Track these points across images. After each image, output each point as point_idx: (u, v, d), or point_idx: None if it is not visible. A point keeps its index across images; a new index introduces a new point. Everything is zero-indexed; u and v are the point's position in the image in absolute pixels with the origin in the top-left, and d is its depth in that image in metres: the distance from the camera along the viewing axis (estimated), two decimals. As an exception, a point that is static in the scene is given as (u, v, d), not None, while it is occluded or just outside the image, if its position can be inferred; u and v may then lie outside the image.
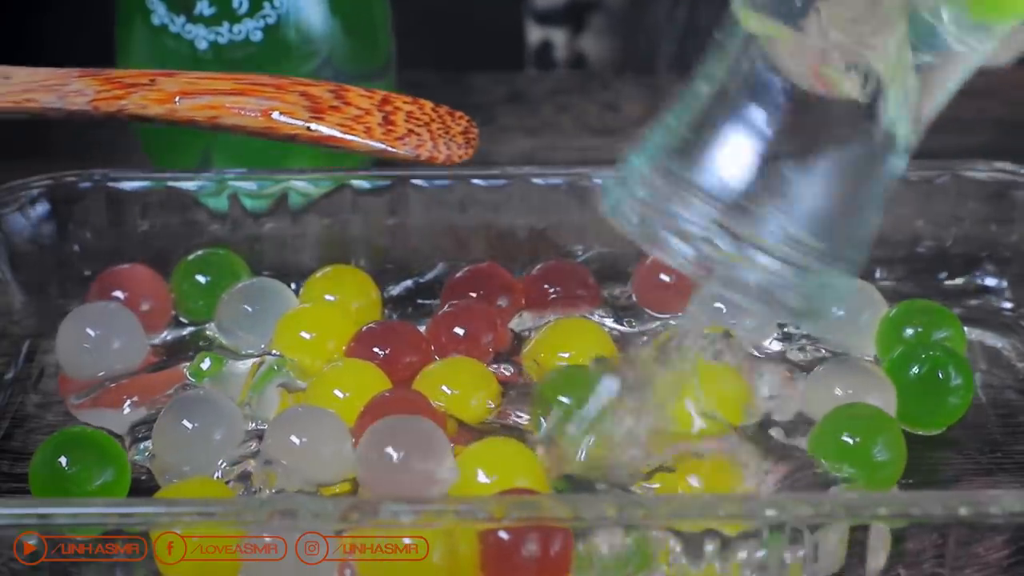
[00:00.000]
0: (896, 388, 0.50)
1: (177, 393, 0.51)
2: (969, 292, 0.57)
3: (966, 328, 0.53)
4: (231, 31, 0.57)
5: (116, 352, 0.52)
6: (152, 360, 0.53)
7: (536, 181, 0.56)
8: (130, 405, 0.51)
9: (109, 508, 0.42)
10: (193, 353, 0.53)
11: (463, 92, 0.72)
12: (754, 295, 0.41)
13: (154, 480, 0.48)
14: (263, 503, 0.42)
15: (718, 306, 0.53)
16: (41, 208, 0.56)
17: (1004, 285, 0.57)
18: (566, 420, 0.47)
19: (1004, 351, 0.54)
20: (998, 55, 0.38)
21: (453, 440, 0.48)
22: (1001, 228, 0.56)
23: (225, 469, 0.48)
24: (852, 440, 0.47)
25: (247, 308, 0.53)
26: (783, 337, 0.54)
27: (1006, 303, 0.56)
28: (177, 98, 0.50)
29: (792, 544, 0.42)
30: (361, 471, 0.47)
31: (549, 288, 0.55)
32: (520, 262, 0.57)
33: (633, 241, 0.42)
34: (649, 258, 0.56)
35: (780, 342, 0.54)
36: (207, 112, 0.50)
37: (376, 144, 0.50)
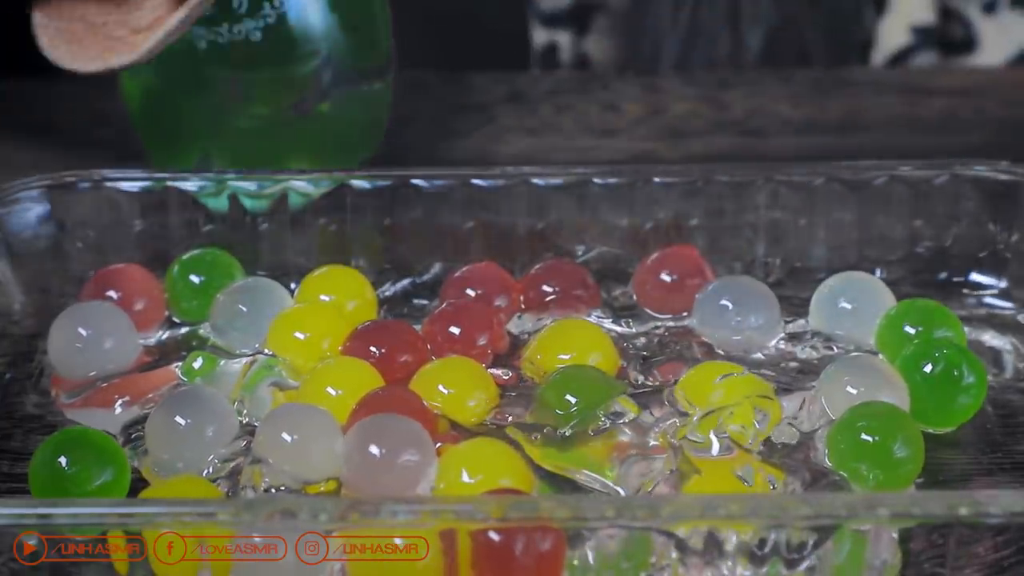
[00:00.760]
0: (908, 386, 0.50)
1: (169, 393, 0.51)
2: (969, 292, 0.57)
3: (966, 328, 0.53)
4: (231, 31, 0.57)
5: (108, 352, 0.52)
6: (144, 360, 0.53)
7: (536, 181, 0.56)
8: (121, 405, 0.51)
9: (109, 508, 0.42)
10: (186, 353, 0.53)
11: (463, 92, 0.72)
12: None
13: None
14: (263, 503, 0.42)
15: (724, 304, 0.54)
16: (41, 208, 0.56)
17: (1004, 285, 0.57)
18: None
19: (1004, 351, 0.54)
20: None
21: (444, 439, 0.48)
22: (1001, 228, 0.56)
23: (216, 466, 0.48)
24: (871, 438, 0.47)
25: (241, 307, 0.53)
26: (790, 337, 0.54)
27: (1006, 303, 0.56)
28: None
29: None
30: (344, 468, 0.47)
31: (548, 288, 0.55)
32: (520, 262, 0.57)
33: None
34: (649, 258, 0.56)
35: (787, 342, 0.54)
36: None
37: None
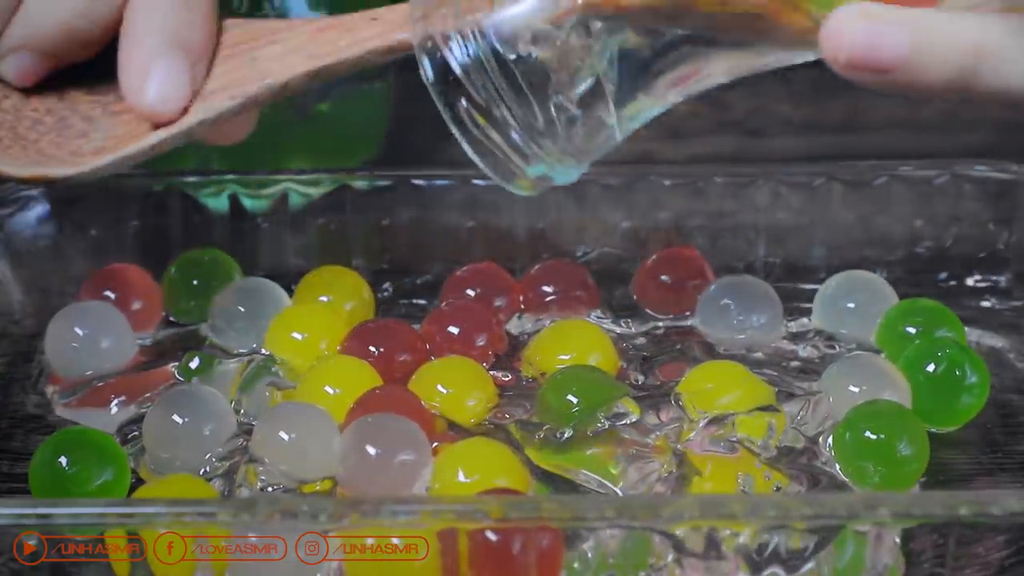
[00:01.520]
0: (911, 385, 0.50)
1: (165, 392, 0.51)
2: (968, 292, 0.57)
3: (966, 328, 0.53)
4: (231, 31, 0.57)
5: (104, 351, 0.52)
6: (141, 360, 0.53)
7: (536, 181, 0.56)
8: (117, 404, 0.51)
9: (109, 508, 0.42)
10: (182, 353, 0.53)
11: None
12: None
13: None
14: (263, 503, 0.42)
15: (726, 303, 0.54)
16: (41, 208, 0.56)
17: (1004, 285, 0.57)
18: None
19: (1004, 351, 0.54)
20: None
21: (441, 439, 0.48)
22: (1001, 228, 0.56)
23: (213, 464, 0.48)
24: (877, 436, 0.47)
25: (240, 308, 0.53)
26: (792, 336, 0.54)
27: (1006, 303, 0.56)
28: None
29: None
30: (340, 467, 0.47)
31: (547, 289, 0.55)
32: (519, 262, 0.57)
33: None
34: (650, 259, 0.56)
35: (789, 341, 0.54)
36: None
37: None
